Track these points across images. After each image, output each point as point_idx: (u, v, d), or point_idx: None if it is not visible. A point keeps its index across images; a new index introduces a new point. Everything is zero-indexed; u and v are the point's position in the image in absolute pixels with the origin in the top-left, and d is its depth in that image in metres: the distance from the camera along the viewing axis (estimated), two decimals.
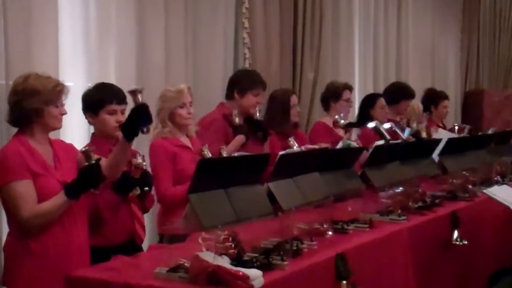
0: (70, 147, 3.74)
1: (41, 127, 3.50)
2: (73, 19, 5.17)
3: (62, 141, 3.75)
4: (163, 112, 4.46)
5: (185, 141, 4.53)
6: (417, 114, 7.36)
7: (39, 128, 3.49)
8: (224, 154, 4.28)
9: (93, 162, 3.43)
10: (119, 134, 3.95)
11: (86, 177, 3.41)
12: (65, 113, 3.57)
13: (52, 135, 3.66)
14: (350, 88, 6.28)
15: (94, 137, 4.07)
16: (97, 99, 3.98)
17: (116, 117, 3.97)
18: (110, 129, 3.97)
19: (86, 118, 4.06)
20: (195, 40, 6.32)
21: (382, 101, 6.74)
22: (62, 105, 3.54)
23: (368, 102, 6.72)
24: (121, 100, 4.00)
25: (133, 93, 3.44)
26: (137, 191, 3.88)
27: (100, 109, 3.97)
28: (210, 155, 4.19)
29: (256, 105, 5.21)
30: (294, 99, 5.70)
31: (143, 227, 4.07)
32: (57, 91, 3.50)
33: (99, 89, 4.08)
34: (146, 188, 3.95)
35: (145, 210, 4.16)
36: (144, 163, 3.88)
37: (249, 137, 5.07)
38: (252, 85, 5.21)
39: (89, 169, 3.41)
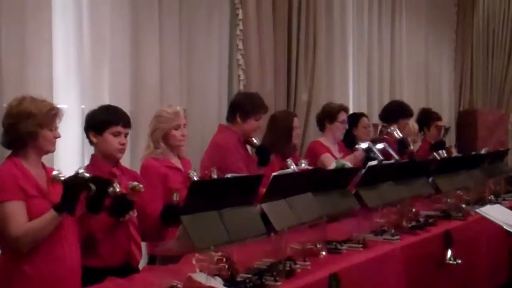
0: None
1: (35, 150, 3.51)
2: (67, 41, 5.19)
3: (52, 168, 3.76)
4: (157, 132, 4.47)
5: (176, 162, 4.54)
6: (413, 134, 7.37)
7: (33, 151, 3.51)
8: (215, 176, 4.27)
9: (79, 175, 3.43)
10: (120, 156, 4.01)
11: (70, 188, 3.40)
12: (59, 137, 3.59)
13: (45, 157, 3.67)
14: (346, 109, 6.31)
15: (94, 158, 4.07)
16: (104, 120, 3.99)
17: (120, 139, 3.98)
18: (113, 150, 3.98)
19: (88, 137, 4.05)
20: (190, 61, 6.34)
21: (365, 120, 6.77)
22: (56, 128, 3.56)
23: (351, 122, 6.68)
24: (127, 123, 4.03)
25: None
26: (134, 213, 3.86)
27: (105, 129, 3.97)
28: (196, 178, 4.19)
29: (257, 129, 5.24)
30: (296, 121, 5.75)
31: (139, 249, 4.06)
32: (52, 114, 3.52)
33: (106, 109, 4.10)
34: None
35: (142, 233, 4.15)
36: (141, 186, 3.85)
37: (248, 160, 5.10)
38: (255, 110, 5.23)
39: (74, 180, 3.41)
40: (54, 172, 3.52)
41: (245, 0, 6.86)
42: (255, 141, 5.24)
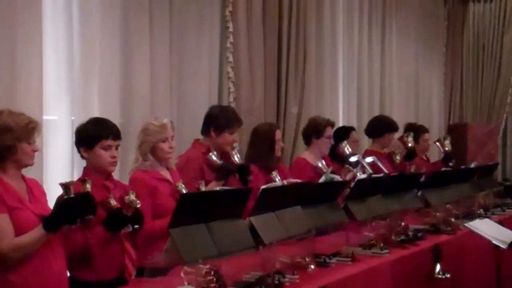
0: (38, 183, 3.76)
1: (14, 164, 3.50)
2: (57, 52, 5.20)
3: (31, 179, 3.74)
4: (145, 145, 4.46)
5: (165, 174, 4.53)
6: (401, 148, 7.38)
7: (11, 165, 3.50)
8: (203, 189, 4.26)
9: (72, 195, 3.43)
10: (113, 169, 4.00)
11: (64, 211, 3.40)
12: (37, 150, 3.59)
13: (35, 167, 3.67)
14: (332, 124, 6.27)
15: (86, 171, 4.06)
16: (94, 134, 3.98)
17: (110, 152, 3.98)
18: (104, 164, 3.97)
19: (79, 152, 4.05)
20: (180, 74, 6.36)
21: (354, 134, 6.76)
22: (34, 141, 3.55)
23: (340, 136, 6.62)
24: (117, 136, 4.03)
25: (65, 186, 3.46)
26: (129, 228, 3.85)
27: (95, 144, 3.96)
28: (185, 191, 4.18)
29: (232, 143, 5.17)
30: (278, 133, 5.71)
31: (133, 262, 4.04)
32: (30, 128, 3.51)
33: (95, 124, 4.08)
34: (137, 226, 3.90)
35: (136, 247, 4.13)
36: (138, 202, 3.85)
37: (230, 176, 5.04)
38: (229, 124, 5.17)
39: (68, 202, 3.41)
40: (64, 182, 3.52)
41: (236, 13, 6.90)
42: (236, 159, 5.15)
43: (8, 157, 3.47)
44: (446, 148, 7.63)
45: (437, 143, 7.85)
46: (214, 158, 4.98)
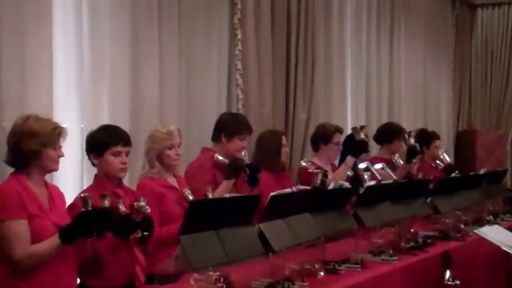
0: (59, 190, 3.77)
1: (39, 169, 3.53)
2: (67, 60, 5.20)
3: (54, 185, 3.77)
4: (151, 152, 4.47)
5: (172, 181, 4.53)
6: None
7: (36, 170, 3.52)
8: (210, 196, 4.27)
9: (90, 208, 3.43)
10: (123, 175, 4.01)
11: (82, 223, 3.40)
12: (63, 156, 3.61)
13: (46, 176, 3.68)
14: (340, 131, 6.26)
15: (97, 178, 4.07)
16: (103, 141, 4.00)
17: (120, 158, 3.99)
18: (114, 170, 3.99)
19: (90, 159, 4.07)
20: (189, 80, 6.37)
21: None
22: (60, 147, 3.57)
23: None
24: (126, 142, 4.04)
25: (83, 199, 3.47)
26: (138, 234, 3.83)
27: (105, 150, 3.98)
28: (191, 197, 4.17)
29: (242, 149, 5.18)
30: (284, 139, 5.72)
31: (143, 269, 4.03)
32: (56, 133, 3.54)
33: (105, 130, 4.10)
34: (146, 233, 3.89)
35: (147, 254, 4.12)
36: (148, 208, 3.83)
37: (239, 177, 5.05)
38: (239, 130, 5.19)
39: (86, 216, 3.41)
40: (83, 194, 3.53)
41: (244, 20, 6.91)
42: (245, 158, 5.18)
43: (33, 162, 3.49)
44: (445, 162, 7.48)
45: (437, 162, 7.68)
46: (220, 158, 5.00)
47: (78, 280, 3.75)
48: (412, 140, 6.79)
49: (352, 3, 9.15)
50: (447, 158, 7.12)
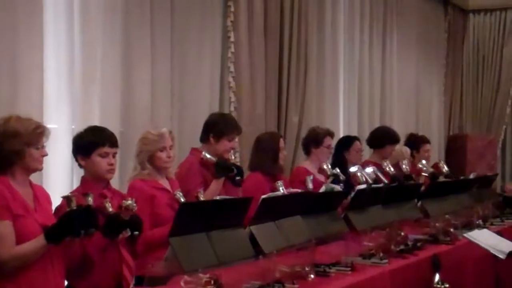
0: (45, 191, 3.76)
1: (22, 169, 3.51)
2: (58, 62, 5.20)
3: (39, 186, 3.76)
4: (142, 154, 4.46)
5: (164, 183, 4.53)
6: (406, 159, 7.36)
7: (20, 170, 3.51)
8: (201, 198, 4.27)
9: (75, 208, 3.43)
10: (110, 176, 4.00)
11: (66, 222, 3.39)
12: (46, 155, 3.59)
13: (35, 176, 3.68)
14: (331, 134, 6.28)
15: (84, 180, 4.05)
16: (90, 142, 3.97)
17: (108, 159, 3.96)
18: (101, 172, 3.96)
19: (77, 160, 4.04)
20: (181, 83, 6.37)
21: (357, 144, 6.74)
22: (43, 146, 3.56)
23: (343, 145, 6.68)
24: (114, 143, 4.02)
25: (67, 198, 3.47)
26: (127, 233, 3.82)
27: (92, 151, 3.95)
28: (183, 199, 4.18)
29: (230, 150, 5.19)
30: (282, 142, 5.74)
31: (131, 271, 4.02)
32: (38, 133, 3.52)
33: (92, 131, 4.08)
34: (136, 233, 3.88)
35: (135, 255, 4.12)
36: (135, 206, 3.81)
37: (225, 178, 5.06)
38: (228, 130, 5.19)
39: (71, 215, 3.40)
40: (67, 194, 3.52)
41: (237, 23, 6.93)
42: (233, 157, 5.17)
43: (17, 162, 3.48)
44: (426, 173, 7.39)
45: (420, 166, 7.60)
46: (208, 156, 5.01)
47: (66, 283, 3.73)
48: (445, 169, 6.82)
49: (345, 7, 9.17)
50: (446, 168, 7.13)
